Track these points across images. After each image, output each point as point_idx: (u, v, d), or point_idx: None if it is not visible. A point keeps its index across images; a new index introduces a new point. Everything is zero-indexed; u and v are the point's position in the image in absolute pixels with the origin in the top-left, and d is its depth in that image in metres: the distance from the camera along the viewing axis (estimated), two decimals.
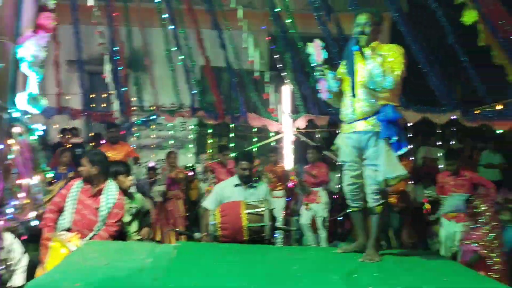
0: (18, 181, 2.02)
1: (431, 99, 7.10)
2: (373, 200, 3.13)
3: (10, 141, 1.97)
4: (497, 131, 7.10)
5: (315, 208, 7.07)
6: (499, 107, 6.63)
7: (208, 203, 4.42)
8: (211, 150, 9.40)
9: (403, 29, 6.30)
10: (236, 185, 4.40)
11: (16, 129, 1.99)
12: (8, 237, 4.00)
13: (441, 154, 8.91)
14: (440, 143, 8.19)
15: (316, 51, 3.15)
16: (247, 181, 4.40)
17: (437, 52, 6.68)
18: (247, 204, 3.88)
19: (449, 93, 6.49)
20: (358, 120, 3.09)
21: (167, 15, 8.15)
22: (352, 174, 3.22)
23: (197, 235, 4.10)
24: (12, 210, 2.01)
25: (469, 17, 4.92)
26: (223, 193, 4.34)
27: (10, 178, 1.99)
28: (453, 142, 8.12)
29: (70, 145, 8.01)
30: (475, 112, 6.58)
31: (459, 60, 6.22)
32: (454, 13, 5.38)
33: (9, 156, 1.97)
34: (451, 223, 5.67)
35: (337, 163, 7.97)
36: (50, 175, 1.97)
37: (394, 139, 3.00)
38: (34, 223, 2.25)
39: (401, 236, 6.87)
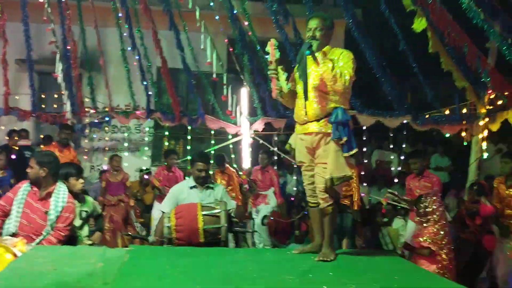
0: None
1: (384, 103, 7.35)
2: (323, 201, 3.19)
3: None
4: (446, 135, 7.44)
5: (262, 209, 7.16)
6: (447, 112, 6.94)
7: (163, 206, 4.34)
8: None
9: (357, 35, 6.47)
10: (192, 187, 4.32)
11: None
12: None
13: (393, 157, 9.27)
14: (392, 146, 8.46)
15: (270, 50, 3.19)
16: (203, 182, 4.33)
17: (390, 58, 6.89)
18: (203, 205, 3.84)
19: (400, 98, 6.71)
20: (311, 121, 3.17)
21: (121, 15, 7.95)
22: (311, 174, 3.28)
23: (150, 238, 4.00)
24: None
25: (419, 25, 5.12)
26: (178, 196, 4.25)
27: None
28: (405, 146, 8.42)
29: (18, 148, 7.66)
30: (425, 117, 6.84)
31: (411, 66, 6.45)
32: (406, 21, 5.58)
33: None
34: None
35: (294, 165, 8.11)
36: None
37: (345, 140, 3.08)
38: None
39: (355, 236, 7.02)
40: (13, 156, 7.21)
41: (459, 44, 5.07)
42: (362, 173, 8.07)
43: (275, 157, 8.10)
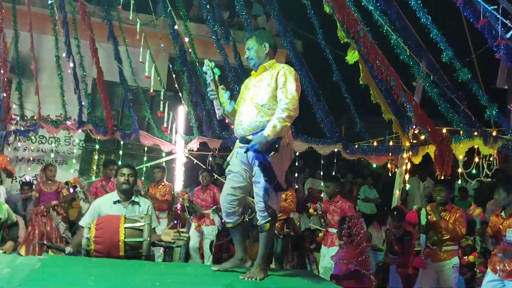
0: None
1: (317, 132, 7.61)
2: (261, 218, 3.09)
3: None
4: (373, 166, 7.81)
5: (205, 231, 7.05)
6: (375, 143, 7.31)
7: (82, 220, 4.10)
8: (95, 167, 8.93)
9: (296, 65, 6.70)
10: (116, 202, 4.08)
11: None
12: None
13: (323, 184, 9.56)
14: (322, 174, 8.73)
15: (208, 72, 3.20)
16: (128, 195, 4.12)
17: (325, 87, 7.20)
18: (127, 218, 3.71)
19: (332, 126, 6.97)
20: (247, 135, 3.08)
21: (57, 22, 7.71)
22: (234, 185, 3.19)
23: (67, 249, 3.79)
24: None
25: (352, 56, 5.40)
26: (100, 210, 4.00)
27: None
28: (334, 174, 8.73)
29: None
30: (355, 147, 7.14)
31: (343, 97, 6.76)
32: (342, 52, 5.88)
33: None
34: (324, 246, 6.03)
35: None
36: None
37: (272, 155, 2.92)
38: None
39: (283, 260, 7.08)
40: None
41: (387, 78, 5.40)
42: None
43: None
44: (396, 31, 5.27)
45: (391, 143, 7.24)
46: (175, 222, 7.47)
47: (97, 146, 8.53)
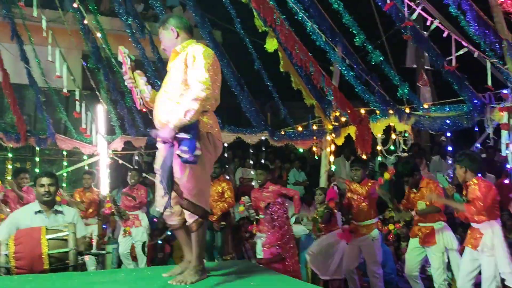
0: None
1: (244, 122, 7.65)
2: (188, 217, 2.87)
3: None
4: (300, 151, 8.02)
5: (134, 233, 6.84)
6: (300, 128, 7.50)
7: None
8: (10, 177, 8.29)
9: (217, 56, 6.63)
10: (37, 212, 3.82)
11: None
12: None
13: (253, 173, 9.67)
14: (253, 163, 8.82)
15: (121, 59, 2.98)
16: (50, 204, 3.87)
17: (250, 78, 7.25)
18: (49, 229, 3.48)
19: (258, 115, 7.04)
20: (162, 128, 2.85)
21: None
22: None
23: None
24: None
25: (271, 45, 5.46)
26: (19, 223, 3.72)
27: None
28: (263, 161, 8.86)
29: None
30: (281, 133, 7.28)
31: (266, 85, 6.84)
32: (261, 42, 5.92)
33: None
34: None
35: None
36: None
37: (182, 156, 2.65)
38: None
39: (223, 252, 7.07)
40: None
41: (306, 64, 5.53)
42: None
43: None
44: (311, 17, 5.41)
45: (314, 127, 7.46)
46: (104, 227, 7.17)
47: (10, 155, 7.90)
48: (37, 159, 7.90)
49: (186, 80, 2.81)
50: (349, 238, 5.40)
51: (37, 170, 7.63)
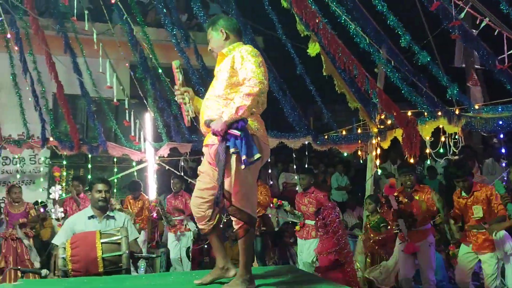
0: None
1: (286, 126, 7.66)
2: (235, 223, 2.80)
3: None
4: (344, 155, 7.92)
5: (183, 240, 7.00)
6: (344, 132, 7.42)
7: (56, 238, 3.99)
8: (64, 184, 8.70)
9: None
10: (90, 217, 4.01)
11: None
12: None
13: (297, 178, 9.63)
14: (295, 167, 8.80)
15: (174, 74, 2.98)
16: (103, 210, 4.05)
17: (293, 83, 7.25)
18: (103, 233, 3.63)
19: (301, 119, 7.04)
20: (208, 133, 2.85)
21: (9, 37, 7.43)
22: (201, 187, 2.92)
23: (44, 272, 3.67)
24: None
25: (313, 49, 5.45)
26: (74, 227, 3.91)
27: None
28: (307, 166, 8.80)
29: None
30: (324, 138, 7.23)
31: (309, 89, 6.82)
32: (303, 46, 5.92)
33: None
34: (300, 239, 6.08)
35: None
36: None
37: (232, 151, 2.63)
38: None
39: (264, 258, 7.09)
40: None
41: (350, 67, 5.47)
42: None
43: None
44: (354, 20, 5.35)
45: (359, 131, 7.35)
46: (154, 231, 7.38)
47: (64, 162, 8.30)
48: (89, 166, 8.26)
49: (233, 83, 2.76)
50: (415, 249, 5.20)
51: (89, 176, 7.97)
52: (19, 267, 4.47)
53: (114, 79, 6.43)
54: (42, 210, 7.07)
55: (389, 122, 6.64)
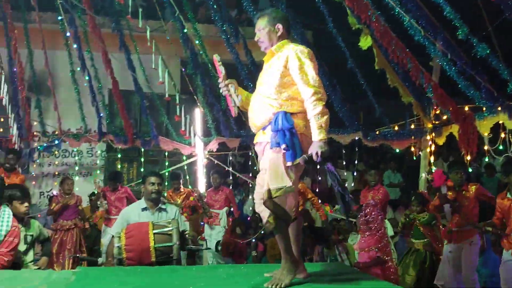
0: None
1: (336, 121, 7.54)
2: (263, 217, 2.83)
3: None
4: (396, 151, 7.70)
5: (214, 233, 7.09)
6: (396, 128, 7.21)
7: (113, 228, 4.17)
8: None
9: None
10: (143, 209, 4.15)
11: None
12: None
13: (347, 175, 9.49)
14: (345, 164, 8.66)
15: (216, 68, 3.03)
16: (156, 202, 4.19)
17: (342, 77, 7.13)
18: (155, 224, 3.75)
19: (351, 115, 6.91)
20: (259, 130, 2.89)
21: (69, 35, 7.80)
22: (261, 182, 2.88)
23: (100, 260, 3.85)
24: None
25: (365, 42, 5.32)
26: (129, 218, 4.07)
27: None
28: (357, 163, 8.65)
29: None
30: (375, 133, 7.06)
31: (359, 83, 6.68)
32: (354, 39, 5.81)
33: None
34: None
35: (250, 185, 8.12)
36: None
37: (283, 147, 2.65)
38: None
39: (305, 254, 7.04)
40: None
41: (403, 60, 5.31)
42: (317, 190, 8.19)
43: (231, 177, 8.08)
44: (408, 12, 5.17)
45: (412, 126, 7.12)
46: (202, 224, 7.50)
47: (119, 155, 8.64)
48: (142, 159, 8.55)
49: (284, 83, 2.76)
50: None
51: (142, 170, 8.25)
52: (77, 255, 4.72)
53: (166, 75, 6.59)
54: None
55: (444, 117, 6.39)
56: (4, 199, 3.87)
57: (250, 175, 8.25)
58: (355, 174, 9.48)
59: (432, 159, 6.85)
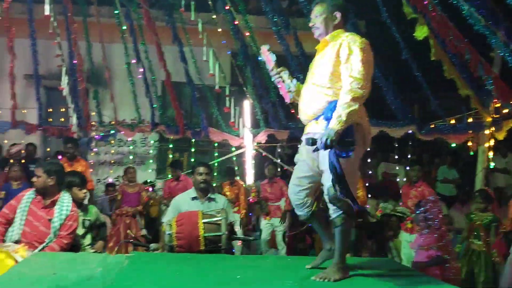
0: None
1: (388, 114, 7.34)
2: (332, 211, 2.76)
3: None
4: (452, 145, 7.40)
5: (275, 223, 7.10)
6: (452, 121, 6.91)
7: (166, 216, 4.31)
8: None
9: None
10: (193, 198, 4.25)
11: None
12: None
13: (399, 169, 9.22)
14: (398, 158, 8.41)
15: (265, 57, 3.01)
16: (205, 192, 4.27)
17: (396, 69, 6.92)
18: (204, 213, 3.83)
19: (404, 107, 6.70)
20: (310, 121, 2.83)
21: (125, 28, 8.07)
22: (300, 175, 2.90)
23: (152, 246, 3.99)
24: None
25: (421, 32, 5.12)
26: (179, 207, 4.18)
27: None
28: (410, 157, 8.38)
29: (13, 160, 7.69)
30: (430, 127, 6.81)
31: (414, 75, 6.46)
32: (408, 29, 5.61)
33: None
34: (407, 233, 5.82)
35: None
36: None
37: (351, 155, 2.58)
38: None
39: (359, 250, 6.93)
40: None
41: (461, 51, 5.07)
42: (367, 184, 8.01)
43: (279, 169, 8.08)
44: (468, 0, 4.92)
45: (470, 120, 6.81)
46: (250, 214, 7.58)
47: (170, 146, 8.89)
48: (192, 149, 8.74)
49: (338, 74, 2.67)
50: None
51: (192, 160, 8.43)
52: (131, 240, 4.90)
53: (217, 67, 6.67)
54: (150, 189, 7.62)
55: (505, 111, 6.05)
56: (64, 185, 4.08)
57: None
58: (407, 168, 9.17)
59: (491, 154, 6.52)
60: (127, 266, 2.96)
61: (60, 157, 7.17)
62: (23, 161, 7.70)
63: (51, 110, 9.33)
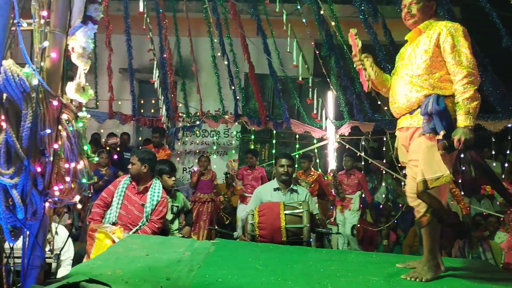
0: (65, 166, 2.10)
1: (485, 106, 6.79)
2: (416, 211, 2.74)
3: (58, 127, 2.06)
4: None
5: (347, 215, 6.99)
6: None
7: (248, 205, 4.39)
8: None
9: None
10: (275, 189, 4.29)
11: (64, 116, 2.07)
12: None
13: (496, 166, 8.54)
14: (494, 153, 7.79)
15: (352, 41, 2.96)
16: (287, 183, 4.29)
17: (494, 57, 6.38)
18: (286, 205, 3.84)
19: (504, 98, 6.17)
20: (404, 114, 2.77)
21: (211, 24, 8.29)
22: (413, 175, 2.78)
23: (235, 234, 4.10)
24: (58, 193, 2.08)
25: None
26: (261, 197, 4.25)
27: (57, 163, 2.07)
28: (509, 153, 7.71)
29: (118, 149, 8.30)
30: None
31: None
32: (509, 15, 5.14)
33: (57, 141, 2.05)
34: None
35: (383, 172, 7.81)
36: (95, 159, 2.04)
37: (442, 134, 2.50)
38: (78, 205, 2.34)
39: (443, 249, 6.56)
40: (115, 156, 7.84)
41: None
42: (459, 181, 7.52)
43: (363, 163, 7.86)
44: None
45: None
46: (331, 207, 7.48)
47: (252, 137, 9.04)
48: (273, 141, 8.81)
49: (434, 64, 2.63)
50: None
51: (273, 151, 8.49)
52: (216, 227, 5.08)
53: (300, 58, 6.62)
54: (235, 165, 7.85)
55: None
56: (155, 173, 4.33)
57: (384, 161, 7.93)
58: (506, 165, 8.47)
59: None
60: (213, 252, 3.07)
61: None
62: (118, 149, 8.30)
63: (142, 101, 9.91)
